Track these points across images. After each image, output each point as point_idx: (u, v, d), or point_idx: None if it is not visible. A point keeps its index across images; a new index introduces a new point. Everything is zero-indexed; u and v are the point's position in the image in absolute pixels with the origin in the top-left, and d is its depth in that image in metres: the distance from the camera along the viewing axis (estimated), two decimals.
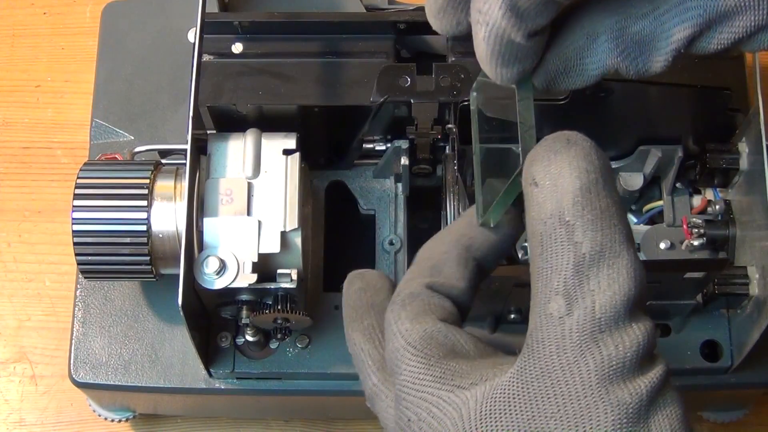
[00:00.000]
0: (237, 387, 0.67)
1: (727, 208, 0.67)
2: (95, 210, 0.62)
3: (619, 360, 0.35)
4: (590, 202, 0.36)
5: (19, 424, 0.77)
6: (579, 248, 0.36)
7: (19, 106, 0.85)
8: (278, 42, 0.66)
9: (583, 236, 0.36)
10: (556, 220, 0.36)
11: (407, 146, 0.66)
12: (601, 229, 0.36)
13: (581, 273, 0.35)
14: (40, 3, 0.88)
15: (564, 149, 0.37)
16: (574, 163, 0.37)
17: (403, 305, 0.41)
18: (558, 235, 0.36)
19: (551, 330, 0.35)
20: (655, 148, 0.67)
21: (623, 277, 0.35)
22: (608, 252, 0.36)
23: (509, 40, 0.39)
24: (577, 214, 0.36)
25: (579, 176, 0.36)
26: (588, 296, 0.35)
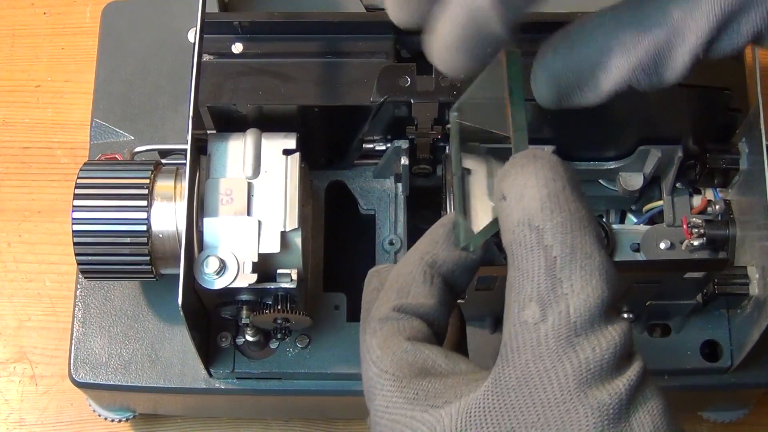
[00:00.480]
0: (237, 387, 0.67)
1: (727, 208, 0.67)
2: (95, 210, 0.62)
3: (597, 362, 0.34)
4: (558, 206, 0.36)
5: (19, 424, 0.77)
6: (549, 251, 0.35)
7: (19, 106, 0.85)
8: (278, 42, 0.66)
9: (553, 239, 0.35)
10: (525, 226, 0.36)
11: (407, 146, 0.66)
12: (571, 231, 0.36)
13: (553, 277, 0.35)
14: (40, 3, 0.88)
15: (530, 162, 0.37)
16: (540, 173, 0.37)
17: (373, 333, 0.40)
18: (527, 240, 0.36)
19: (527, 337, 0.35)
20: (655, 148, 0.67)
21: (596, 279, 0.35)
22: (579, 253, 0.35)
23: (487, 27, 0.39)
24: (545, 218, 0.36)
25: (545, 184, 0.36)
26: (562, 300, 0.35)
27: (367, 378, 0.39)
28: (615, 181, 0.69)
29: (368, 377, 0.39)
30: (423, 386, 0.38)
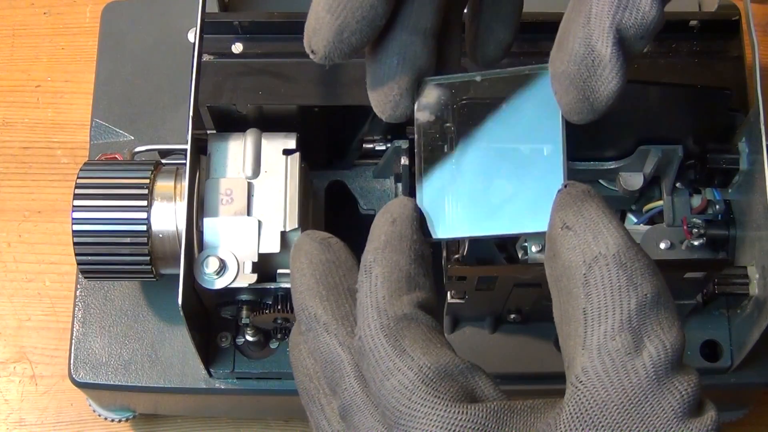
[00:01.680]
0: (237, 387, 0.67)
1: (727, 208, 0.67)
2: (95, 210, 0.62)
3: (694, 396, 0.35)
4: (639, 249, 0.37)
5: (19, 424, 0.77)
6: (640, 289, 0.36)
7: (19, 106, 0.85)
8: (278, 42, 0.66)
9: (642, 279, 0.36)
10: (611, 261, 0.36)
11: (407, 146, 0.66)
12: (655, 274, 0.37)
13: (644, 314, 0.36)
14: (40, 3, 0.88)
15: (593, 199, 0.38)
16: (609, 213, 0.37)
17: (401, 331, 0.37)
18: (615, 275, 0.36)
19: (618, 365, 0.35)
20: (655, 148, 0.67)
21: (678, 322, 0.36)
22: (663, 297, 0.36)
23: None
24: (633, 257, 0.36)
25: (619, 225, 0.37)
26: (655, 335, 0.36)
27: (396, 387, 0.35)
28: (615, 181, 0.69)
29: (399, 385, 0.35)
30: (486, 413, 0.35)
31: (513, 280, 0.60)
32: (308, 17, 0.42)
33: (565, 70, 0.40)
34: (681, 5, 0.69)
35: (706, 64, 0.65)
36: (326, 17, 0.40)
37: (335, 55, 0.41)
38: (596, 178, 0.70)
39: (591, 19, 0.39)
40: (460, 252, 0.59)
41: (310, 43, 0.42)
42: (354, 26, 0.40)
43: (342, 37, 0.41)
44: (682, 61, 0.65)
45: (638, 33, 0.39)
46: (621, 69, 0.39)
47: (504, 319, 0.66)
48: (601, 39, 0.38)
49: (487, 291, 0.61)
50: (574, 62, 0.39)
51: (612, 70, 0.39)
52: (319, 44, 0.41)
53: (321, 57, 0.42)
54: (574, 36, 0.39)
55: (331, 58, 0.42)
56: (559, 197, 0.38)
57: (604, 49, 0.38)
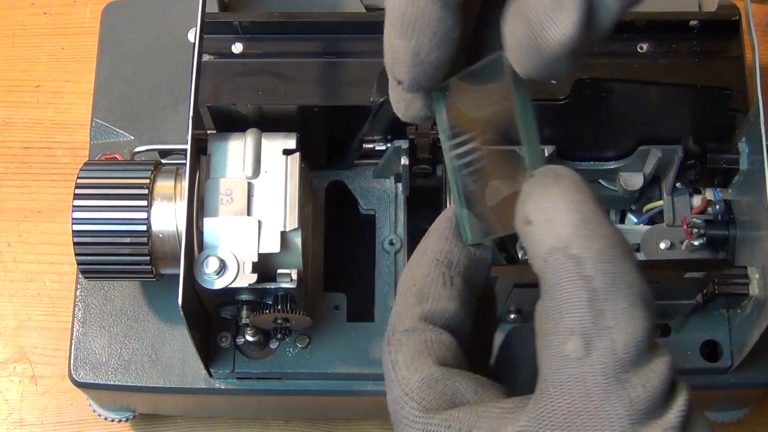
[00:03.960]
0: (237, 387, 0.67)
1: (727, 208, 0.67)
2: (95, 210, 0.62)
3: (648, 399, 0.33)
4: (594, 232, 0.34)
5: (19, 424, 0.77)
6: (590, 282, 0.34)
7: (19, 106, 0.85)
8: (278, 42, 0.66)
9: (593, 268, 0.34)
10: (560, 254, 0.34)
11: (407, 146, 0.66)
12: (611, 259, 0.34)
13: (596, 309, 0.34)
14: (40, 3, 0.88)
15: (554, 183, 0.35)
16: (568, 195, 0.35)
17: (399, 346, 0.39)
18: (565, 270, 0.34)
19: (570, 373, 0.34)
20: (655, 148, 0.67)
21: (639, 310, 0.34)
22: (621, 283, 0.34)
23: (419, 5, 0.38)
24: (582, 245, 0.34)
25: (576, 208, 0.34)
26: (606, 334, 0.33)
27: (393, 398, 0.38)
28: (615, 181, 0.69)
29: (393, 398, 0.38)
30: (454, 418, 0.36)
31: (513, 280, 0.60)
32: (384, 49, 0.40)
33: (524, 5, 0.36)
34: (681, 5, 0.69)
35: (706, 64, 0.65)
36: (399, 43, 0.39)
37: (421, 78, 0.40)
38: (596, 178, 0.70)
39: None
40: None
41: (392, 73, 0.40)
42: (428, 45, 0.39)
43: (420, 59, 0.39)
44: (682, 61, 0.65)
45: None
46: (580, 14, 0.35)
47: (504, 319, 0.66)
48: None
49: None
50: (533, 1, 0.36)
51: (570, 13, 0.35)
52: (401, 73, 0.40)
53: (408, 85, 0.40)
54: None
55: (418, 84, 0.40)
56: (523, 189, 0.36)
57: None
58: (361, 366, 0.65)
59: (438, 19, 0.38)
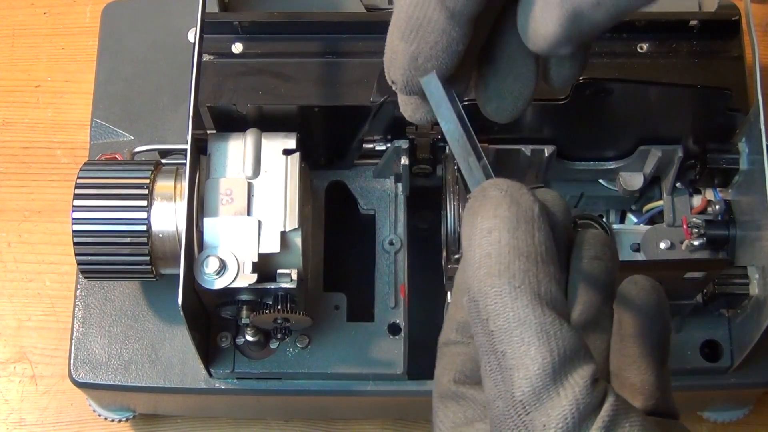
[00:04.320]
0: (237, 387, 0.67)
1: (727, 208, 0.67)
2: (95, 210, 0.62)
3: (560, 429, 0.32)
4: (489, 269, 0.34)
5: (19, 424, 0.77)
6: (487, 325, 0.34)
7: (19, 106, 0.85)
8: (278, 42, 0.66)
9: (487, 312, 0.34)
10: (467, 298, 0.34)
11: (407, 146, 0.66)
12: (501, 298, 0.34)
13: (496, 352, 0.33)
14: (40, 3, 0.88)
15: (475, 207, 0.35)
16: (481, 224, 0.35)
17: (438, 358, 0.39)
18: (472, 315, 0.34)
19: (492, 417, 0.34)
20: (655, 148, 0.67)
21: (534, 347, 0.33)
22: (513, 322, 0.33)
23: (426, 12, 0.38)
24: (478, 288, 0.34)
25: (480, 243, 0.34)
26: (507, 376, 0.33)
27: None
28: (615, 181, 0.69)
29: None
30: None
31: None
32: (385, 48, 0.40)
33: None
34: (681, 5, 0.69)
35: (706, 64, 0.65)
36: (400, 45, 0.39)
37: (414, 83, 0.40)
38: (596, 178, 0.70)
39: None
40: (460, 252, 0.59)
41: (388, 73, 0.41)
42: (428, 52, 0.39)
43: (417, 64, 0.39)
44: (682, 61, 0.65)
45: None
46: (563, 20, 0.36)
47: None
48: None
49: None
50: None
51: (553, 14, 0.36)
52: (396, 73, 0.40)
53: (401, 87, 0.40)
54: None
55: (410, 87, 0.40)
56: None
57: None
58: (361, 366, 0.65)
59: (443, 29, 0.39)
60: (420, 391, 0.66)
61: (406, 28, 0.39)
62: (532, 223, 0.35)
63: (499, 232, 0.34)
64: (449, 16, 0.38)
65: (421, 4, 0.38)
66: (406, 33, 0.39)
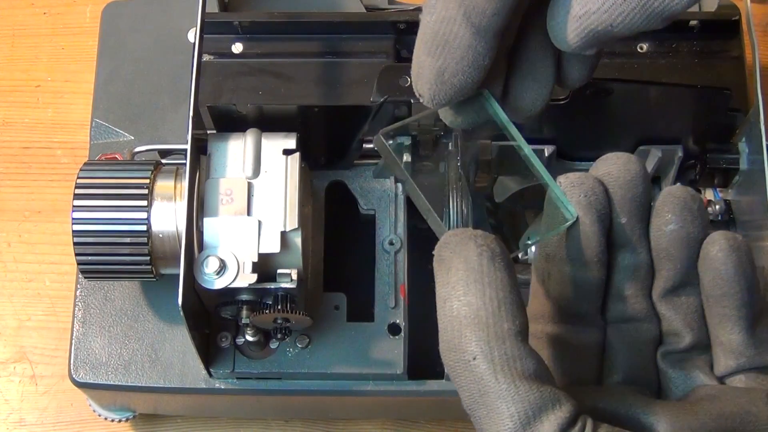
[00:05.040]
0: (237, 387, 0.67)
1: (727, 208, 0.67)
2: (95, 210, 0.62)
3: None
4: (449, 350, 0.36)
5: (19, 424, 0.77)
6: (461, 394, 0.36)
7: (19, 106, 0.85)
8: (278, 42, 0.66)
9: (456, 383, 0.36)
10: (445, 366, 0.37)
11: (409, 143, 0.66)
12: (463, 372, 0.35)
13: (473, 416, 0.36)
14: (40, 3, 0.88)
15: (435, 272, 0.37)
16: (441, 294, 0.36)
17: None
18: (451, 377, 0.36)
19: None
20: (655, 148, 0.67)
21: (497, 414, 0.35)
22: (477, 394, 0.35)
23: (452, 28, 0.39)
24: (447, 365, 0.36)
25: (440, 314, 0.36)
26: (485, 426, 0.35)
27: None
28: None
29: None
30: None
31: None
32: (412, 63, 0.41)
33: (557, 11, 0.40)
34: None
35: (706, 64, 0.65)
36: (426, 60, 0.40)
37: (440, 97, 0.41)
38: None
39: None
40: None
41: (416, 87, 0.42)
42: (454, 67, 0.40)
43: (443, 78, 0.40)
44: (682, 61, 0.65)
45: None
46: (581, 33, 0.39)
47: None
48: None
49: None
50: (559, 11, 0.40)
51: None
52: (423, 88, 0.41)
53: (428, 100, 0.41)
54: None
55: (437, 101, 0.41)
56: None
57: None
58: (361, 366, 0.65)
59: (468, 45, 0.39)
60: (420, 391, 0.66)
61: (432, 44, 0.40)
62: (481, 281, 0.36)
63: (451, 301, 0.36)
64: (475, 32, 0.39)
65: (447, 20, 0.39)
66: (432, 48, 0.40)
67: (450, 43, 0.39)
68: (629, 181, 0.41)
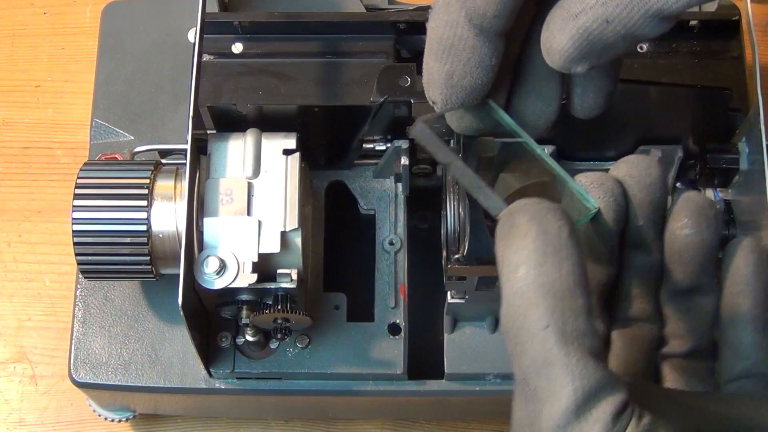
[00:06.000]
0: (237, 387, 0.67)
1: (727, 208, 0.67)
2: (95, 210, 0.62)
3: None
4: (516, 316, 0.35)
5: (19, 424, 0.77)
6: (518, 360, 0.35)
7: (19, 106, 0.85)
8: (278, 42, 0.66)
9: (518, 351, 0.35)
10: (503, 330, 0.36)
11: (407, 146, 0.66)
12: (529, 339, 0.35)
13: (528, 385, 0.35)
14: (40, 3, 0.88)
15: (501, 239, 0.36)
16: (511, 260, 0.36)
17: None
18: (509, 344, 0.35)
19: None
20: (655, 148, 0.67)
21: (559, 386, 0.34)
22: (541, 363, 0.34)
23: (456, 31, 0.39)
24: (510, 329, 0.35)
25: (509, 278, 0.35)
26: (536, 410, 0.34)
27: None
28: None
29: None
30: None
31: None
32: (423, 71, 0.42)
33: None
34: None
35: (706, 64, 0.65)
36: (435, 66, 0.41)
37: (452, 100, 0.41)
38: None
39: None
40: (460, 252, 0.59)
41: (428, 94, 0.42)
42: (462, 70, 0.40)
43: (453, 81, 0.41)
44: (682, 61, 0.65)
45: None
46: (575, 35, 0.38)
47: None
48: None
49: (487, 291, 0.61)
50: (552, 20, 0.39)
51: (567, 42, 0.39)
52: (434, 93, 0.42)
53: (441, 106, 0.42)
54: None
55: (449, 105, 0.41)
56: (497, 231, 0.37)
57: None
58: (361, 366, 0.65)
59: (473, 46, 0.40)
60: (420, 391, 0.66)
61: (439, 49, 0.41)
62: (560, 253, 0.35)
63: (526, 269, 0.35)
64: (478, 33, 0.39)
65: (451, 24, 0.40)
66: (439, 53, 0.41)
67: (455, 46, 0.40)
68: (649, 185, 0.41)
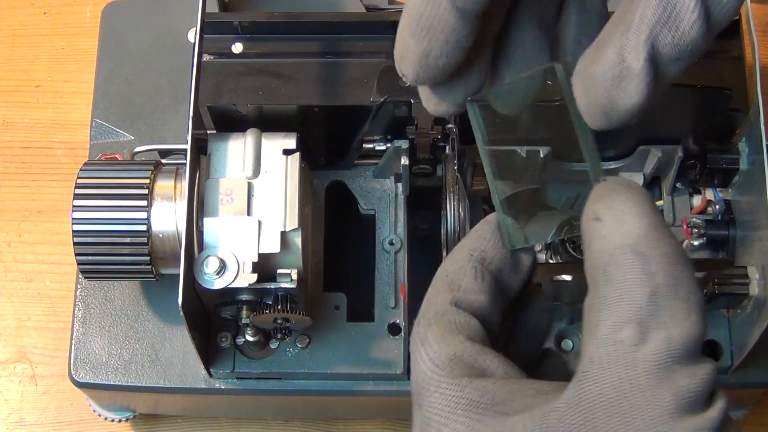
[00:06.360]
0: (237, 387, 0.67)
1: (727, 208, 0.67)
2: (95, 210, 0.62)
3: (695, 391, 0.34)
4: (661, 237, 0.36)
5: (19, 424, 0.77)
6: (654, 279, 0.35)
7: (19, 106, 0.85)
8: (278, 42, 0.66)
9: (658, 267, 0.36)
10: (628, 250, 0.36)
11: (407, 146, 0.66)
12: (676, 263, 0.36)
13: (656, 303, 0.35)
14: (40, 3, 0.88)
15: (627, 190, 0.37)
16: (639, 203, 0.37)
17: (428, 325, 0.40)
18: (630, 265, 0.36)
19: (620, 357, 0.35)
20: (655, 148, 0.67)
21: (695, 314, 0.35)
22: (683, 287, 0.35)
23: (437, 10, 0.39)
24: (651, 245, 0.36)
25: (647, 214, 0.37)
26: (663, 327, 0.35)
27: (419, 372, 0.39)
28: None
29: (420, 371, 0.38)
30: (487, 389, 0.37)
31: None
32: (396, 42, 0.42)
33: (592, 71, 0.39)
34: None
35: (706, 64, 0.65)
36: (411, 42, 0.40)
37: (425, 78, 0.41)
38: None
39: (631, 28, 0.38)
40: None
41: (399, 67, 0.42)
42: (438, 50, 0.40)
43: (428, 60, 0.41)
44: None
45: (673, 53, 0.39)
46: (647, 87, 0.39)
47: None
48: (634, 51, 0.38)
49: None
50: (601, 66, 0.39)
51: (637, 86, 0.39)
52: (407, 68, 0.41)
53: (411, 80, 0.42)
54: (610, 41, 0.39)
55: (420, 81, 0.42)
56: (594, 190, 0.39)
57: (635, 62, 0.38)
58: (361, 366, 0.65)
59: (453, 28, 0.40)
60: None
61: (417, 27, 0.40)
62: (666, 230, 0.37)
63: (657, 216, 0.37)
64: (460, 16, 0.39)
65: (432, 3, 0.39)
66: (417, 31, 0.40)
67: (435, 27, 0.40)
68: None
